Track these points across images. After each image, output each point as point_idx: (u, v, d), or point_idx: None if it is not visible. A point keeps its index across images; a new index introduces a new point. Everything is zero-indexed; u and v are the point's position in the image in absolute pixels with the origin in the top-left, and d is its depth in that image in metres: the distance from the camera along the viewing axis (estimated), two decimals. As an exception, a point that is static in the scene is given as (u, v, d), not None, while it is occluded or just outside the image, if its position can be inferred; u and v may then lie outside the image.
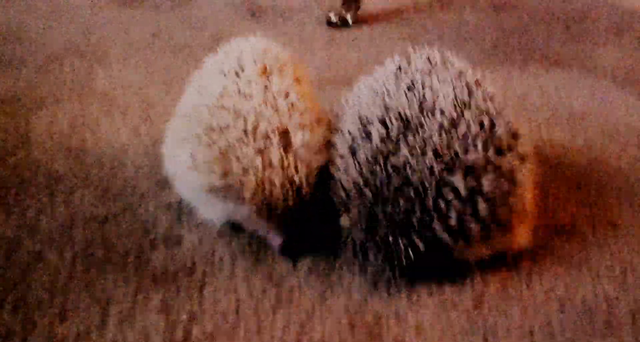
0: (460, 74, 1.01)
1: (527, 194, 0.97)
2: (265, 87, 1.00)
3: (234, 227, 1.04)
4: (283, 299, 0.93)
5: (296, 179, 0.95)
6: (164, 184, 1.13)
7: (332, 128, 1.03)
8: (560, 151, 1.27)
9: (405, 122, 0.95)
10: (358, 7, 1.84)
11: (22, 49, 1.62)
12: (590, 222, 1.08)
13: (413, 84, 0.99)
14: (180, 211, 1.08)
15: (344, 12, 1.81)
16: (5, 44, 1.64)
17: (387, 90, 0.99)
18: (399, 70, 1.03)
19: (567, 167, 1.22)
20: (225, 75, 1.03)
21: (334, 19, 1.80)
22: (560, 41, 1.74)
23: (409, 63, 1.04)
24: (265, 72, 1.02)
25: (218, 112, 0.98)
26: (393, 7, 1.96)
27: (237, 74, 1.02)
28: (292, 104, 0.99)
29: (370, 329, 0.89)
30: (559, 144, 1.29)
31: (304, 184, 0.95)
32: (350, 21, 1.81)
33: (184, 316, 0.89)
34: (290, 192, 0.95)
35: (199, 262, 0.98)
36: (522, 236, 0.99)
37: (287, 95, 1.00)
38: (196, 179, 0.97)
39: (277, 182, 0.94)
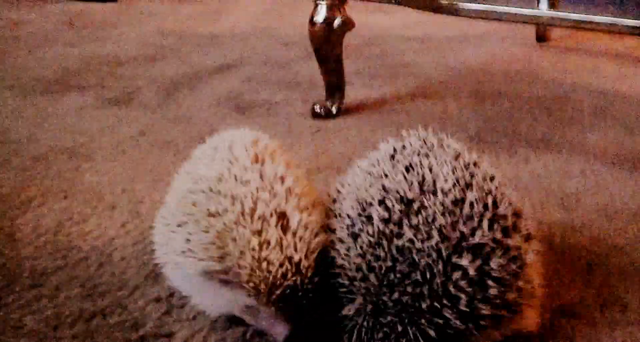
0: (458, 155, 0.99)
1: (535, 274, 0.94)
2: (261, 173, 0.99)
3: (231, 321, 0.99)
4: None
5: (296, 257, 0.91)
6: (154, 278, 1.10)
7: (328, 212, 1.00)
8: (559, 232, 1.25)
9: (406, 203, 0.92)
10: (342, 98, 1.85)
11: (7, 149, 1.61)
12: (598, 303, 1.05)
13: (411, 166, 0.96)
14: (171, 305, 1.04)
15: (328, 103, 1.83)
16: (-9, 146, 1.63)
17: (384, 173, 0.97)
18: (394, 153, 1.01)
19: (569, 247, 1.20)
20: (219, 162, 1.02)
21: (318, 110, 1.82)
22: (546, 126, 1.75)
23: (404, 146, 1.02)
24: (257, 159, 1.01)
25: (215, 197, 0.96)
26: (376, 97, 1.98)
27: (230, 162, 1.01)
28: (289, 189, 0.98)
29: None
30: (557, 224, 1.27)
31: (304, 264, 0.92)
32: (334, 112, 1.82)
33: None
34: (290, 272, 0.91)
35: (192, 358, 0.94)
36: (531, 318, 0.96)
37: (282, 180, 0.99)
38: (191, 264, 0.94)
39: (276, 261, 0.90)
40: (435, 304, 0.87)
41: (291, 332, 0.93)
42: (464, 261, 0.88)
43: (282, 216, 0.94)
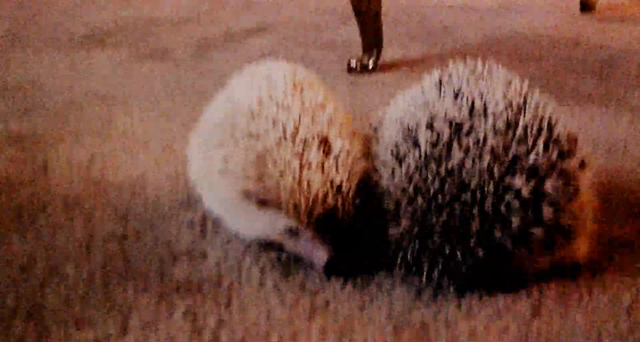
0: (510, 82, 0.94)
1: (588, 204, 0.90)
2: (302, 100, 0.95)
3: (266, 247, 0.96)
4: (318, 308, 0.84)
5: (337, 180, 0.88)
6: (188, 205, 1.07)
7: (370, 140, 0.97)
8: (608, 177, 1.19)
9: (455, 126, 0.87)
10: (379, 54, 1.81)
11: (42, 95, 1.60)
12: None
13: (460, 92, 0.92)
14: (205, 229, 1.01)
15: (365, 58, 1.79)
16: (25, 92, 1.62)
17: (431, 100, 0.92)
18: (441, 81, 0.96)
19: (618, 190, 1.15)
20: (257, 88, 0.99)
21: (353, 65, 1.78)
22: (592, 85, 1.70)
23: (450, 75, 0.97)
24: (296, 87, 0.98)
25: (256, 119, 0.93)
26: (414, 57, 1.94)
27: (269, 87, 0.98)
28: (331, 117, 0.95)
29: (417, 334, 0.80)
30: (605, 170, 1.21)
31: (346, 186, 0.89)
32: (370, 66, 1.78)
33: (212, 322, 0.81)
34: (331, 194, 0.87)
35: (225, 274, 0.91)
36: (583, 246, 0.91)
37: (323, 108, 0.96)
38: (229, 183, 0.92)
39: (317, 182, 0.87)
40: (486, 225, 0.84)
41: (332, 257, 0.89)
42: (518, 182, 0.84)
43: (324, 141, 0.91)
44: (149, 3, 2.68)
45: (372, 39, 1.80)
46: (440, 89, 0.94)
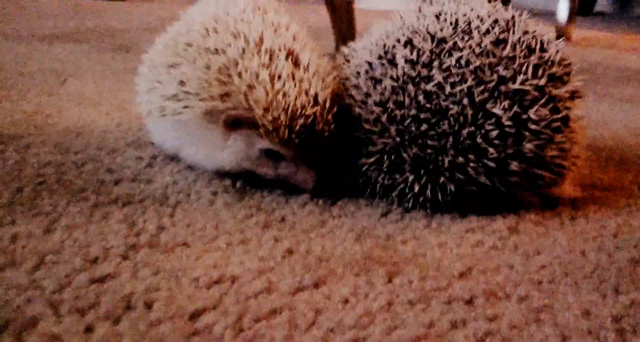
0: (494, 6, 0.86)
1: (579, 139, 0.81)
2: (263, 19, 0.87)
3: (221, 175, 0.86)
4: (272, 221, 0.75)
5: (311, 90, 0.78)
6: (137, 145, 0.98)
7: (342, 67, 0.89)
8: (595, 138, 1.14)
9: (437, 43, 0.79)
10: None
11: (-8, 66, 1.51)
12: (635, 183, 0.93)
13: (440, 14, 0.83)
14: (154, 162, 0.92)
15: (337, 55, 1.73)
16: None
17: (410, 22, 0.84)
18: (421, 6, 0.87)
19: (604, 148, 1.09)
20: (215, 6, 0.91)
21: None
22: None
23: (430, 2, 0.89)
24: (259, 9, 0.90)
25: (213, 35, 0.84)
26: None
27: (227, 6, 0.90)
28: (294, 35, 0.86)
29: (382, 244, 0.71)
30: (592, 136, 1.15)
31: (322, 96, 0.79)
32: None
33: (151, 227, 0.71)
34: (308, 104, 0.77)
35: (172, 194, 0.81)
36: (568, 185, 0.84)
37: (287, 28, 0.87)
38: (188, 108, 0.81)
39: (291, 92, 0.77)
40: (460, 158, 0.75)
41: (318, 179, 0.80)
42: (498, 109, 0.75)
43: (291, 52, 0.82)
44: (119, 15, 2.63)
45: (344, 32, 1.75)
46: (419, 13, 0.86)
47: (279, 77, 0.78)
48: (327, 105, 0.79)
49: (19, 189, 0.80)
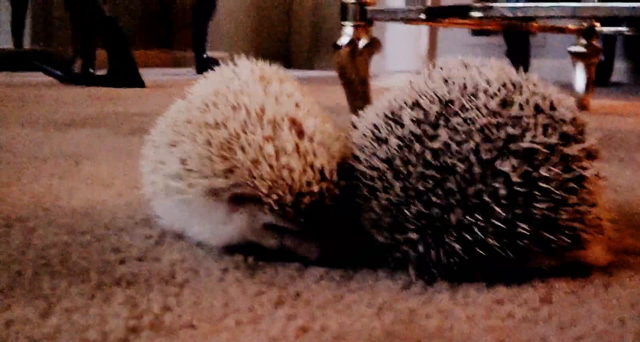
0: (503, 69, 0.84)
1: (599, 200, 0.76)
2: (265, 90, 0.85)
3: (231, 250, 0.82)
4: (286, 298, 0.70)
5: (317, 163, 0.76)
6: (145, 222, 0.95)
7: (348, 132, 0.86)
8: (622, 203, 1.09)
9: (444, 104, 0.77)
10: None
11: (5, 154, 1.50)
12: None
13: (449, 78, 0.81)
14: (162, 240, 0.88)
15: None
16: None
17: (419, 86, 0.82)
18: (429, 72, 0.85)
19: (633, 213, 1.04)
20: (218, 80, 0.89)
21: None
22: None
23: (441, 68, 0.86)
24: (264, 79, 0.88)
25: (213, 108, 0.82)
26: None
27: (230, 79, 0.88)
28: (297, 103, 0.84)
29: (404, 318, 0.66)
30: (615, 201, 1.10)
31: (328, 169, 0.76)
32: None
33: (155, 308, 0.66)
34: (314, 180, 0.75)
35: (180, 272, 0.77)
36: (599, 251, 0.78)
37: (290, 96, 0.85)
38: (191, 187, 0.79)
39: (296, 167, 0.75)
40: (467, 217, 0.71)
41: (323, 248, 0.77)
42: (507, 167, 0.72)
43: (293, 121, 0.80)
44: (138, 100, 2.65)
45: (360, 107, 1.73)
46: (428, 78, 0.84)
47: (284, 151, 0.76)
48: (334, 178, 0.77)
49: (19, 271, 0.76)
